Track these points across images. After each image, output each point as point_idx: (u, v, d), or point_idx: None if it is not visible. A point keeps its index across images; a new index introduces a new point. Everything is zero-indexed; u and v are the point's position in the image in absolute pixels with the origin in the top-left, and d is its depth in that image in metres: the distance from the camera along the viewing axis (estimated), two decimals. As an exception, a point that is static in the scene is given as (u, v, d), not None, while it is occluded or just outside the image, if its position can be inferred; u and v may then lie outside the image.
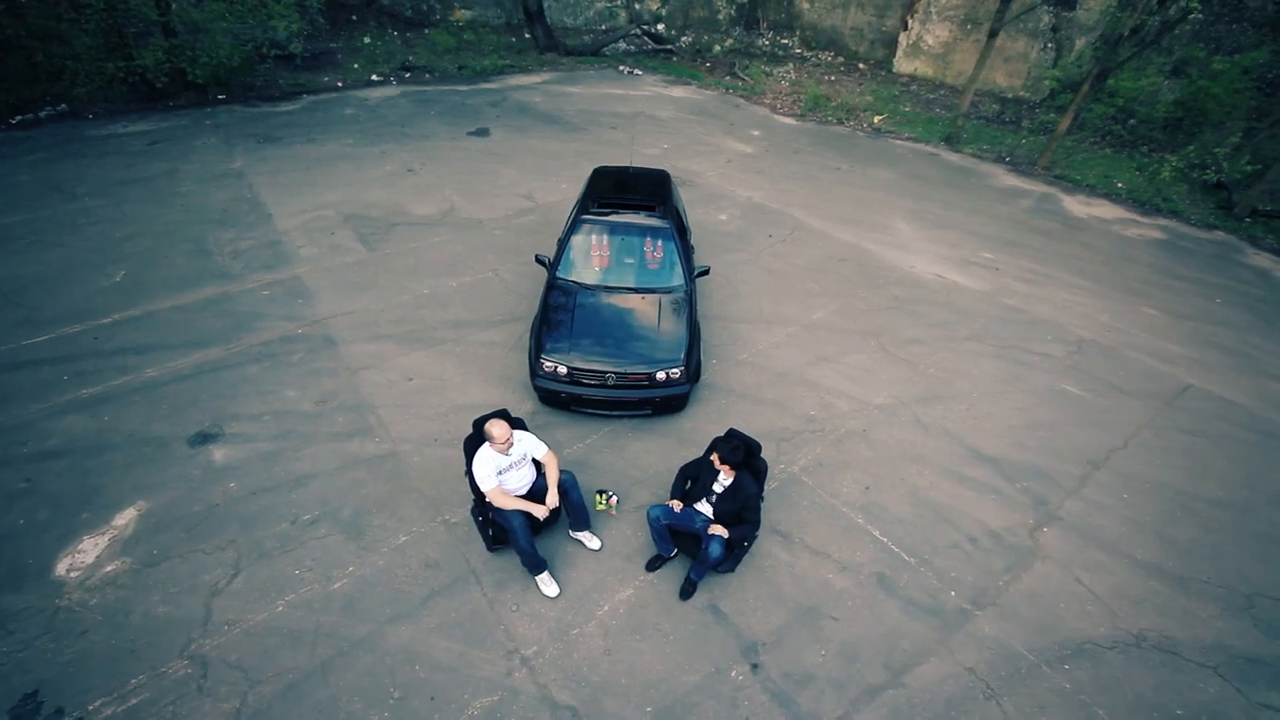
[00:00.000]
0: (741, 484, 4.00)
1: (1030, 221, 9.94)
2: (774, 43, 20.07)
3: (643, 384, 5.16)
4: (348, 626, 3.84)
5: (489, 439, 3.94)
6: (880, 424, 5.66)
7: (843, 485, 5.03)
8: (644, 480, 4.96)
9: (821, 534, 4.61)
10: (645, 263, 5.92)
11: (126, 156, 9.79)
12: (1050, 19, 14.98)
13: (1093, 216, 10.37)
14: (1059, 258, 8.86)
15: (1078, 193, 11.24)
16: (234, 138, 10.75)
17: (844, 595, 4.21)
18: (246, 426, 5.20)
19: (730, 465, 3.92)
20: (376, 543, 4.34)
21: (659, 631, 3.92)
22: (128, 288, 6.83)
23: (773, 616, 4.04)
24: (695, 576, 4.10)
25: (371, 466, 4.91)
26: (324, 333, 6.32)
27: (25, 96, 11.18)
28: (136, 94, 11.94)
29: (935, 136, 13.28)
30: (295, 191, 9.04)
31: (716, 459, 3.94)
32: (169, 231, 7.88)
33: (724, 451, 3.89)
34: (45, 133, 10.58)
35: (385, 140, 11.06)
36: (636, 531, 4.54)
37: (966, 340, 6.90)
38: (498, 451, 4.00)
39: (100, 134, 10.60)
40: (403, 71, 15.30)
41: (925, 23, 16.87)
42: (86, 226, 7.89)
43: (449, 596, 4.03)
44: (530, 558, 4.00)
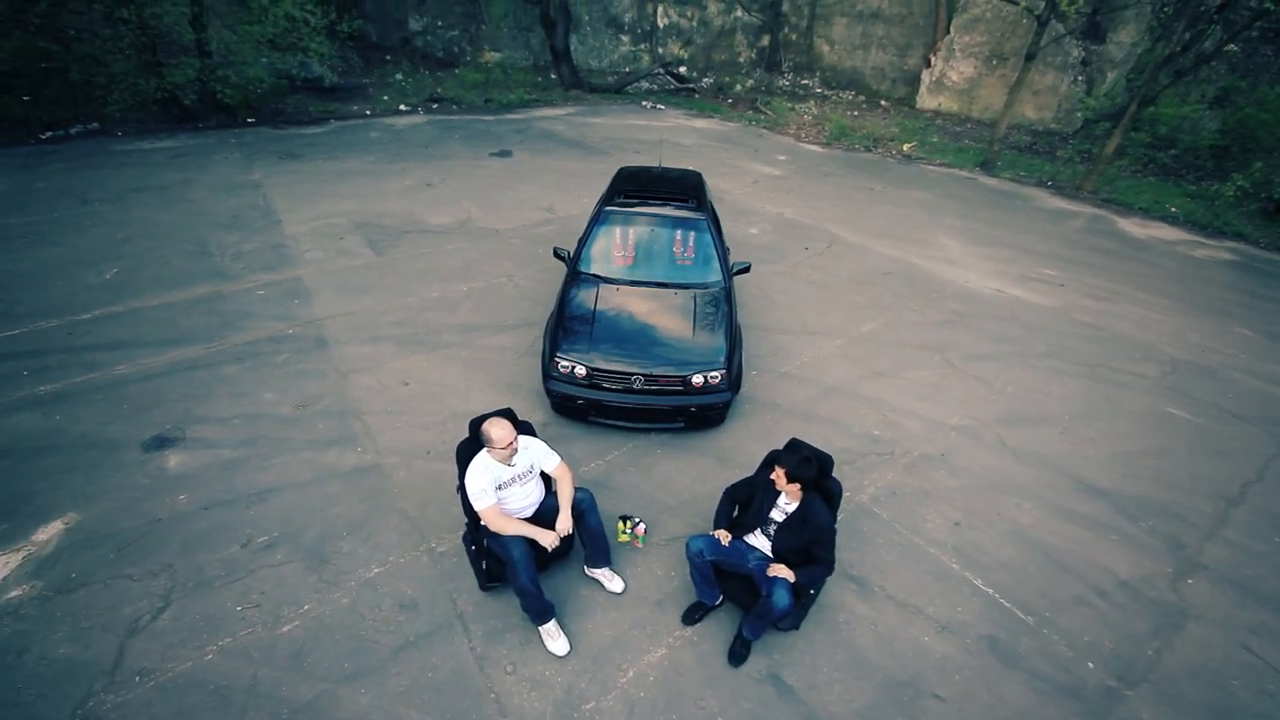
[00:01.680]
0: (811, 510, 2.98)
1: (1087, 240, 8.98)
2: (794, 83, 19.87)
3: (675, 389, 4.20)
4: (292, 685, 2.82)
5: (487, 443, 3.00)
6: (960, 448, 4.59)
7: (926, 519, 3.94)
8: (676, 507, 3.93)
9: (907, 581, 3.51)
10: (678, 256, 5.05)
11: (145, 168, 9.39)
12: (1080, 52, 14.43)
13: (1152, 238, 9.38)
14: (1126, 276, 7.85)
15: (1131, 215, 10.29)
16: (256, 154, 10.37)
17: (948, 665, 3.08)
18: (211, 431, 4.31)
19: (799, 483, 2.91)
20: (342, 575, 3.34)
21: (703, 711, 2.82)
22: (116, 285, 6.14)
23: (856, 693, 2.92)
24: (749, 634, 3.03)
25: (349, 481, 3.96)
26: (316, 334, 5.50)
27: (59, 115, 11.02)
28: (167, 114, 11.76)
29: (969, 163, 12.54)
30: (309, 200, 8.48)
31: (780, 476, 2.94)
32: (172, 234, 7.28)
33: (790, 466, 2.89)
34: (72, 147, 10.30)
35: (406, 159, 10.60)
36: (670, 571, 3.50)
37: (1043, 357, 5.85)
38: (498, 460, 3.05)
39: (125, 149, 10.29)
40: (430, 103, 15.16)
41: (949, 60, 16.47)
42: (90, 228, 7.32)
43: (426, 649, 3.00)
44: (533, 600, 2.97)
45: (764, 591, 2.90)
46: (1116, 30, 14.25)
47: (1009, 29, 15.28)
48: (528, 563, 2.94)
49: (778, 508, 3.10)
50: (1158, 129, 12.32)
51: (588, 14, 19.91)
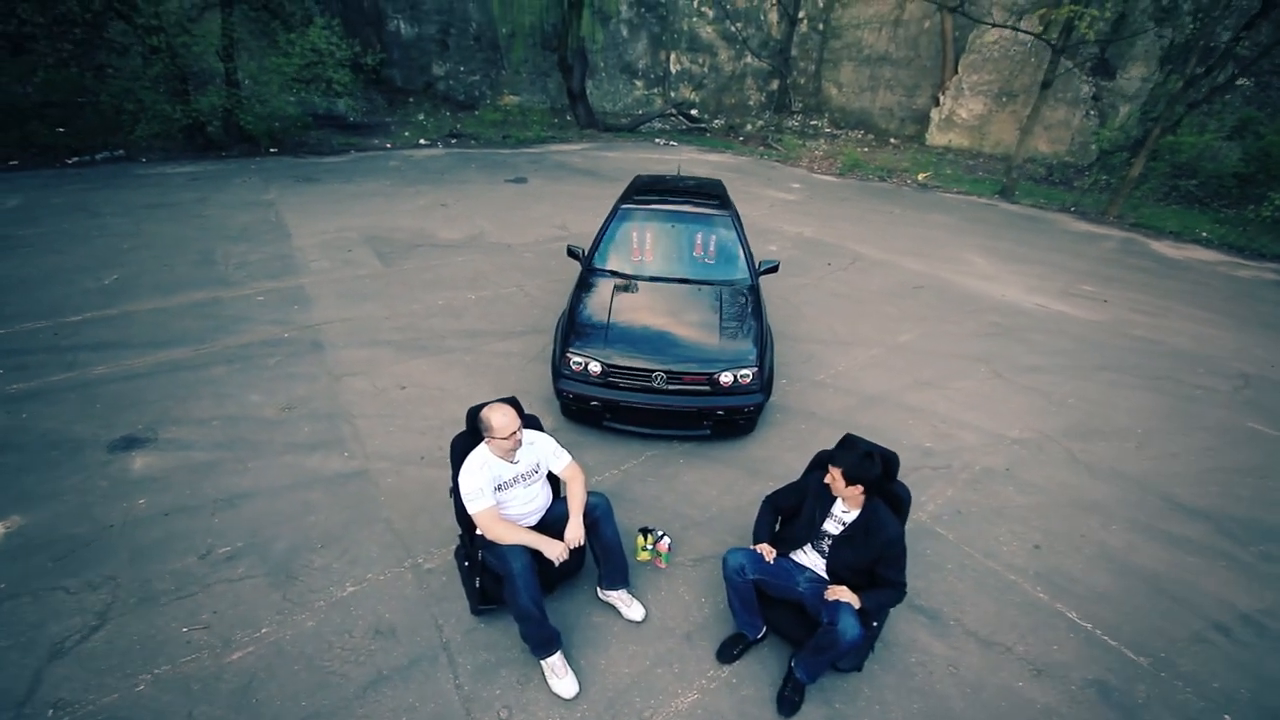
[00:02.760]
0: (876, 520, 2.41)
1: (1122, 260, 8.50)
2: (804, 124, 20.06)
3: (701, 389, 3.68)
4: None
5: (485, 432, 2.49)
6: (1026, 461, 3.98)
7: (999, 542, 3.31)
8: (705, 523, 3.35)
9: (988, 614, 2.87)
10: (700, 253, 4.63)
11: (162, 189, 9.31)
12: (1091, 88, 14.36)
13: (1190, 258, 8.88)
14: (1172, 293, 7.31)
15: (1162, 239, 9.84)
16: (273, 178, 10.31)
17: (1049, 719, 2.41)
18: (186, 432, 3.83)
19: (861, 486, 2.35)
20: (310, 593, 2.77)
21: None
22: (113, 290, 5.82)
23: (944, 753, 2.27)
24: (803, 676, 2.39)
25: (330, 487, 3.43)
26: (312, 338, 5.08)
27: (86, 142, 11.15)
28: (191, 143, 11.86)
29: (987, 191, 12.26)
30: (321, 217, 8.27)
31: (836, 478, 2.38)
32: (179, 245, 7.03)
33: (848, 464, 2.34)
34: (95, 171, 10.31)
35: (422, 183, 10.50)
36: (700, 596, 2.89)
37: (1100, 370, 5.27)
38: (498, 456, 2.54)
39: (146, 173, 10.28)
40: (449, 138, 15.33)
41: (958, 98, 16.52)
42: (96, 239, 7.10)
43: (402, 686, 2.39)
44: (535, 626, 2.38)
45: (824, 619, 2.29)
46: (1127, 67, 14.22)
47: (1017, 67, 15.33)
48: (529, 579, 2.37)
49: (833, 517, 2.52)
50: (1178, 157, 12.01)
51: (603, 61, 20.45)
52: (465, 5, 19.02)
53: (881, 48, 18.71)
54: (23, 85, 11.29)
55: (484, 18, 18.80)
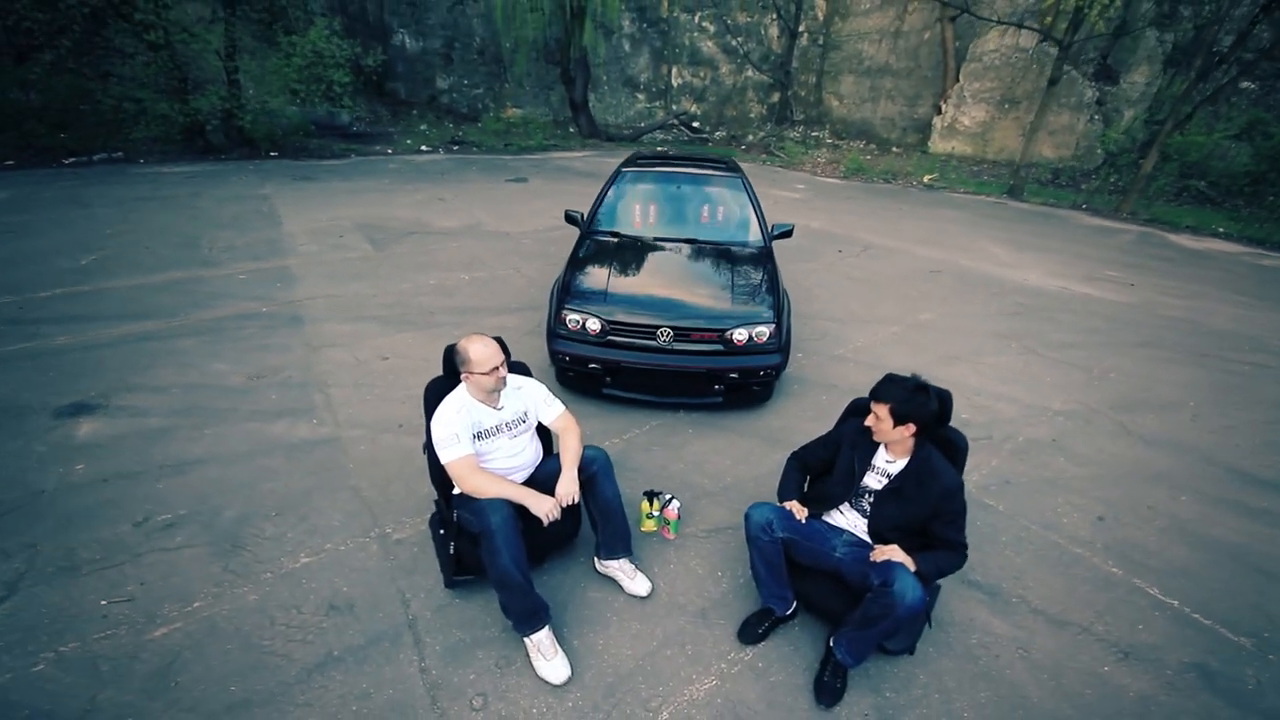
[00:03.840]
0: (930, 468, 1.99)
1: (1143, 250, 8.15)
2: (805, 134, 20.00)
3: (712, 348, 3.29)
4: (141, 717, 1.79)
5: (463, 367, 2.11)
6: (1073, 433, 3.56)
7: (1056, 513, 2.87)
8: (718, 493, 2.92)
9: (1056, 590, 2.42)
10: (710, 215, 4.28)
11: (156, 184, 9.08)
12: (1095, 92, 14.22)
13: (1212, 250, 8.52)
14: (1200, 279, 6.93)
15: (1180, 233, 9.51)
16: (271, 176, 10.10)
17: (1154, 710, 1.95)
18: (142, 399, 3.44)
19: (914, 425, 1.94)
20: (257, 564, 2.35)
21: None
22: (89, 270, 5.49)
23: (1025, 751, 1.81)
24: (846, 657, 1.95)
25: (294, 454, 3.02)
26: (292, 312, 4.72)
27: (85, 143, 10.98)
28: (191, 146, 11.70)
29: (994, 191, 12.00)
30: (315, 209, 8.00)
31: (882, 417, 1.97)
32: (164, 231, 6.72)
33: (897, 400, 1.94)
34: (92, 171, 10.11)
35: (421, 181, 10.27)
36: (717, 570, 2.45)
37: (1139, 347, 4.86)
38: (478, 399, 2.15)
39: (142, 172, 10.08)
40: (451, 144, 15.24)
41: (960, 106, 16.41)
42: (82, 225, 6.81)
43: (355, 669, 1.95)
44: (518, 594, 1.95)
45: (873, 581, 1.86)
46: (1130, 71, 14.10)
47: (1019, 74, 15.24)
48: (511, 536, 1.94)
49: (875, 470, 2.10)
50: (1188, 157, 11.76)
51: (605, 74, 20.54)
52: (469, 20, 19.17)
53: (882, 59, 18.73)
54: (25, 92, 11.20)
55: (488, 31, 18.92)
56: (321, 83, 10.97)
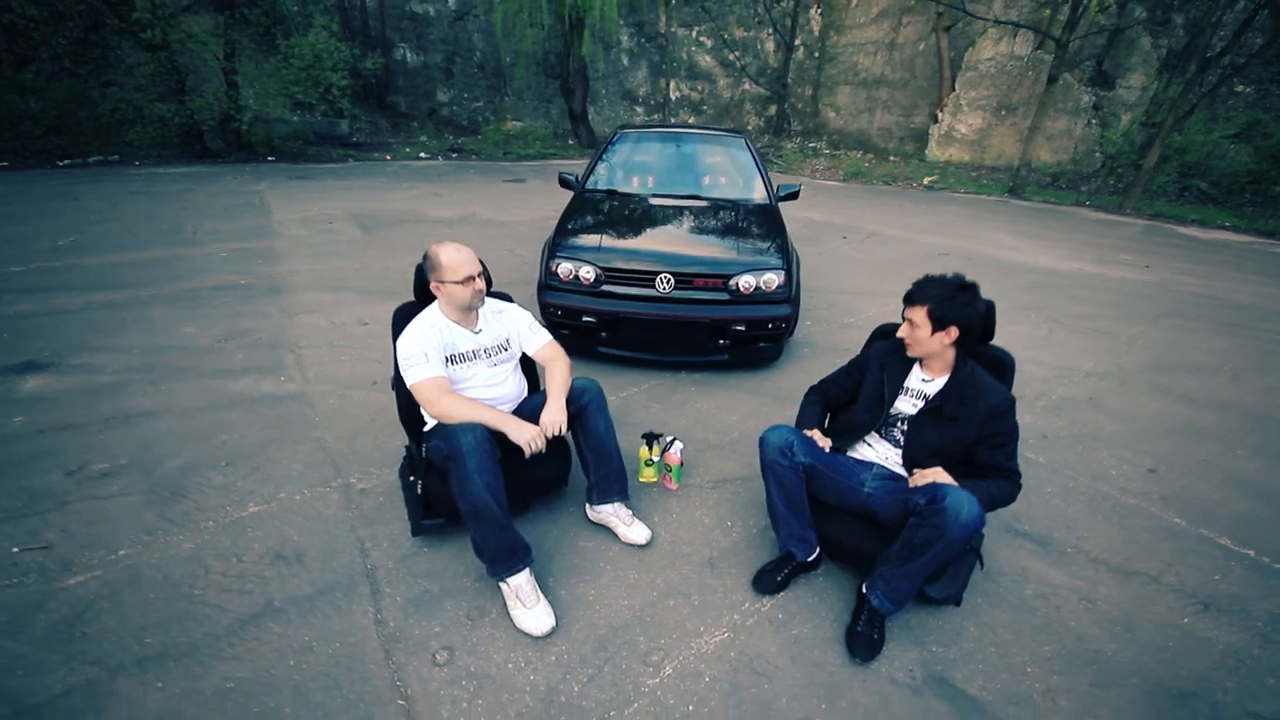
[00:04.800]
0: (975, 384, 1.71)
1: (1151, 239, 7.95)
2: (802, 145, 20.06)
3: (716, 297, 3.02)
4: (36, 670, 1.46)
5: (433, 274, 1.85)
6: (1110, 393, 3.27)
7: (1103, 465, 2.57)
8: (725, 446, 2.61)
9: (1114, 540, 2.11)
10: (713, 173, 4.06)
11: (150, 182, 8.93)
12: (1091, 97, 14.24)
13: (1221, 240, 8.32)
14: (1215, 263, 6.70)
15: (1186, 225, 9.33)
16: (267, 176, 9.96)
17: (1246, 662, 1.63)
18: (98, 358, 3.16)
19: (957, 329, 1.66)
20: (198, 512, 2.04)
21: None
22: (67, 249, 5.24)
23: (1110, 711, 1.48)
24: (885, 602, 1.62)
25: (255, 407, 2.72)
26: (271, 284, 4.46)
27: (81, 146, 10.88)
28: (188, 150, 11.61)
29: (995, 191, 11.89)
30: (307, 201, 7.82)
31: (918, 321, 1.69)
32: (151, 219, 6.51)
33: (937, 297, 1.67)
34: (86, 171, 9.98)
35: (418, 181, 10.14)
36: (726, 519, 2.14)
37: (1163, 318, 4.60)
38: (453, 319, 1.88)
39: (138, 173, 9.95)
40: (450, 152, 15.22)
41: (956, 114, 16.45)
42: (68, 214, 6.60)
43: (298, 620, 1.63)
44: (493, 528, 1.64)
45: (918, 500, 1.56)
46: (1126, 76, 14.14)
47: (1014, 81, 15.29)
48: (486, 460, 1.64)
49: (908, 393, 1.81)
50: (1188, 157, 11.68)
51: (604, 88, 20.71)
52: (469, 34, 19.39)
53: (877, 71, 18.87)
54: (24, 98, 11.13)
55: (488, 46, 19.11)
56: (320, 85, 10.91)
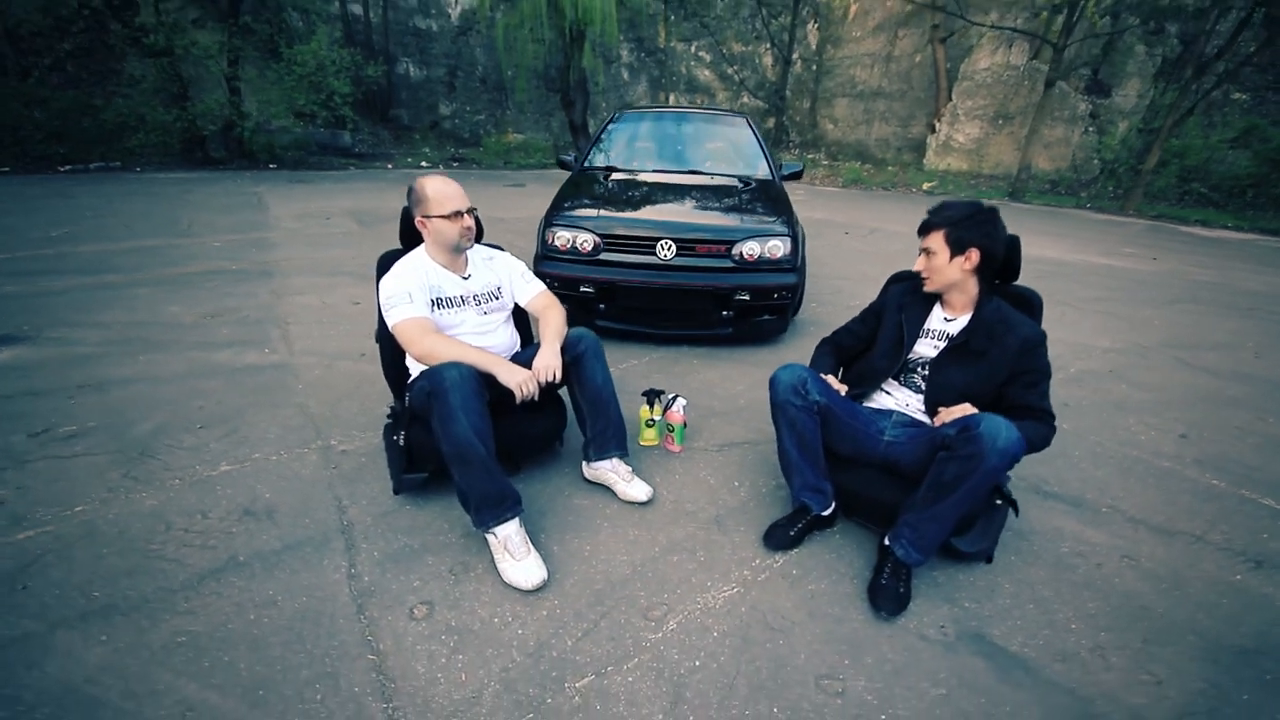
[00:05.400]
0: (1001, 317, 1.59)
1: (1155, 236, 7.87)
2: (801, 157, 20.17)
3: (720, 263, 2.90)
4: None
5: (418, 208, 1.73)
6: (1131, 366, 3.13)
7: (1130, 431, 2.43)
8: (730, 413, 2.47)
9: (1152, 501, 1.96)
10: (715, 151, 3.97)
11: (149, 184, 8.90)
12: (1088, 106, 14.32)
13: (1226, 238, 8.24)
14: (1222, 256, 6.60)
15: (1190, 225, 9.26)
16: (267, 180, 9.95)
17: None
18: (78, 333, 3.03)
19: (979, 253, 1.54)
20: (165, 471, 1.89)
21: (847, 701, 1.23)
22: (59, 239, 5.15)
23: (1167, 667, 1.31)
24: (911, 552, 1.47)
25: (236, 376, 2.59)
26: (263, 269, 4.36)
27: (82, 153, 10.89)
28: (189, 157, 11.63)
29: (995, 196, 11.87)
30: (305, 200, 7.77)
31: (937, 248, 1.57)
32: (147, 214, 6.44)
33: (953, 220, 1.55)
34: (88, 176, 9.97)
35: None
36: (733, 480, 1.99)
37: (1176, 302, 4.48)
38: (440, 261, 1.77)
39: (138, 178, 9.93)
40: (451, 161, 15.28)
41: (954, 124, 16.55)
42: (63, 210, 6.53)
43: (263, 575, 1.48)
44: (479, 473, 1.49)
45: (948, 431, 1.42)
46: (1122, 84, 14.24)
47: (1011, 90, 15.41)
48: (471, 398, 1.50)
49: (928, 335, 1.68)
50: (1187, 161, 11.67)
51: (605, 102, 20.88)
52: (472, 49, 19.64)
53: (874, 83, 19.07)
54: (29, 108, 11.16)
55: (490, 60, 19.34)
56: (322, 92, 10.95)
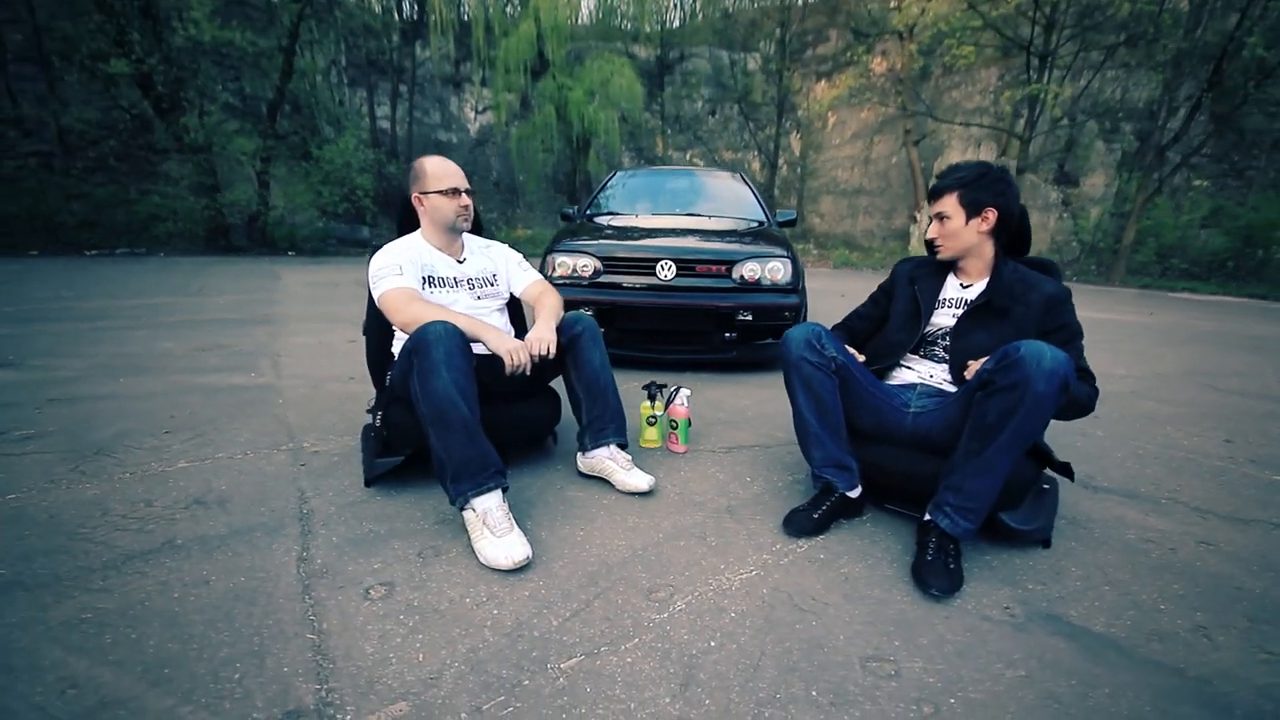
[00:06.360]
0: (1020, 276, 1.51)
1: (1146, 300, 7.96)
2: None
3: (721, 283, 2.86)
4: None
5: (415, 184, 1.72)
6: (1154, 389, 2.99)
7: (1171, 437, 2.23)
8: (737, 422, 2.29)
9: (1213, 494, 1.74)
10: (711, 199, 4.09)
11: (170, 264, 9.24)
12: (1059, 194, 15.24)
13: (1218, 302, 8.33)
14: (1220, 314, 6.62)
15: (1178, 293, 9.42)
16: (284, 262, 10.34)
17: None
18: (63, 361, 2.92)
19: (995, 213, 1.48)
20: (115, 468, 1.70)
21: (902, 683, 0.97)
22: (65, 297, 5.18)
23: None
24: (958, 520, 1.25)
25: (217, 395, 2.45)
26: (264, 319, 4.34)
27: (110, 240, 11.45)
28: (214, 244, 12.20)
29: (982, 272, 12.21)
30: (316, 272, 8.02)
31: (951, 210, 1.51)
32: (161, 282, 6.59)
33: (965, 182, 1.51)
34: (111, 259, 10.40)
35: (428, 264, 10.48)
36: (745, 475, 1.79)
37: (1186, 343, 4.39)
38: (435, 244, 1.74)
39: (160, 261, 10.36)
40: (462, 250, 15.97)
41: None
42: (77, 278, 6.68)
43: (199, 557, 1.25)
44: (460, 437, 1.32)
45: (987, 366, 1.27)
46: (1088, 175, 15.25)
47: (984, 183, 16.46)
48: (455, 354, 1.37)
49: (946, 305, 1.59)
50: (1164, 239, 12.17)
51: (607, 199, 22.35)
52: (488, 157, 21.41)
53: (856, 182, 20.50)
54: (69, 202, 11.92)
55: (504, 166, 21.01)
56: (345, 186, 11.71)
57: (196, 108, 10.23)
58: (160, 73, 9.58)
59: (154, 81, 9.69)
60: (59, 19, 10.27)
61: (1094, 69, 12.99)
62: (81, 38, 9.76)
